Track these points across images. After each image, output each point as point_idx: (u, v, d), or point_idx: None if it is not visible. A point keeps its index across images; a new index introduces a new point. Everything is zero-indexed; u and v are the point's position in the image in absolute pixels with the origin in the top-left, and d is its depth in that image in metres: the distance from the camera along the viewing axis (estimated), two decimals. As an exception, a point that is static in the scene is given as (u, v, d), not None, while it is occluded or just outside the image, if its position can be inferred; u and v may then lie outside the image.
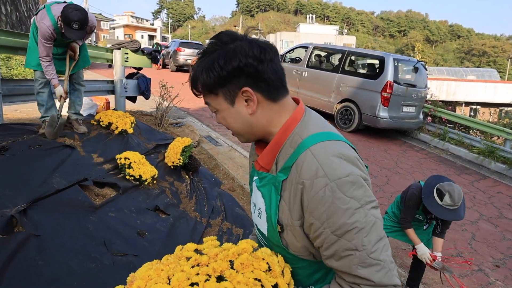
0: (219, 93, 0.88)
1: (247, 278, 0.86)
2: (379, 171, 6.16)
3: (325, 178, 0.79)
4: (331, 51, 9.85)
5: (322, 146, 0.83)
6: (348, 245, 0.79)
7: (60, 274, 1.86)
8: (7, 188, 2.17)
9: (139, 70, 5.51)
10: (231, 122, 0.92)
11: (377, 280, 0.79)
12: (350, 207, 0.78)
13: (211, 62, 0.84)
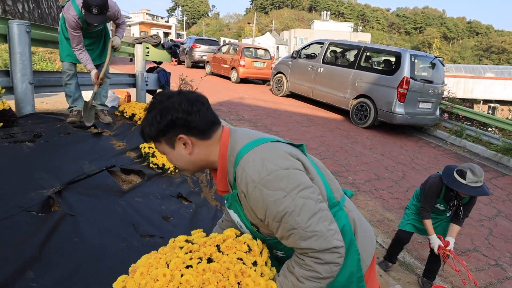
0: (161, 141, 1.11)
1: (231, 258, 1.07)
2: (395, 166, 6.16)
3: (253, 182, 1.00)
4: (347, 47, 9.82)
5: (246, 157, 1.04)
6: (286, 227, 1.00)
7: (94, 251, 1.97)
8: (43, 171, 2.31)
9: (159, 64, 5.64)
10: (176, 161, 1.15)
11: (317, 247, 0.98)
12: (278, 198, 0.98)
13: (151, 118, 1.08)
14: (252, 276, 1.04)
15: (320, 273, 1.00)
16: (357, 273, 1.17)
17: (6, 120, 2.71)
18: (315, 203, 1.01)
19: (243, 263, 1.07)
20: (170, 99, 1.07)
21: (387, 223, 4.20)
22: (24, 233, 1.82)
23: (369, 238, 1.27)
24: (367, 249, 1.23)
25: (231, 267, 1.05)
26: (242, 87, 12.12)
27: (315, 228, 0.98)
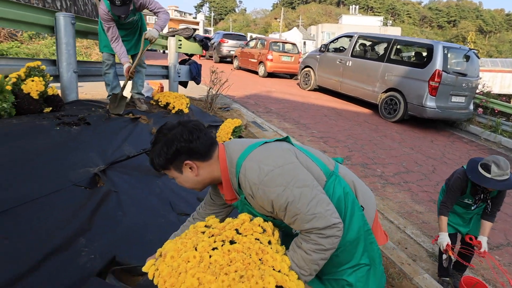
0: (170, 168, 1.27)
1: (250, 239, 1.21)
2: (424, 160, 6.04)
3: (255, 185, 1.17)
4: (376, 40, 9.65)
5: (244, 165, 1.20)
6: (291, 214, 1.16)
7: (136, 225, 2.12)
8: (89, 151, 2.48)
9: (190, 56, 5.80)
10: (185, 184, 1.32)
11: (320, 225, 1.14)
12: (278, 193, 1.15)
13: (159, 150, 1.23)
14: (270, 253, 1.18)
15: (324, 245, 1.16)
16: (364, 227, 1.33)
17: (55, 105, 2.92)
18: (311, 190, 1.17)
19: (260, 242, 1.21)
20: (172, 131, 1.23)
21: (416, 215, 4.16)
22: (75, 204, 1.99)
23: (369, 194, 1.44)
24: (369, 204, 1.39)
25: (251, 246, 1.18)
26: (269, 81, 12.17)
27: (314, 211, 1.14)
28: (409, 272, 3.05)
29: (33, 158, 2.10)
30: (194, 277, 1.08)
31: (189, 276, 1.09)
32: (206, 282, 1.07)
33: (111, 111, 3.42)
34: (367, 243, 1.35)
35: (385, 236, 1.54)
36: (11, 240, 1.55)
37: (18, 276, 1.42)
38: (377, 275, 1.39)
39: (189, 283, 1.07)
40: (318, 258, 1.18)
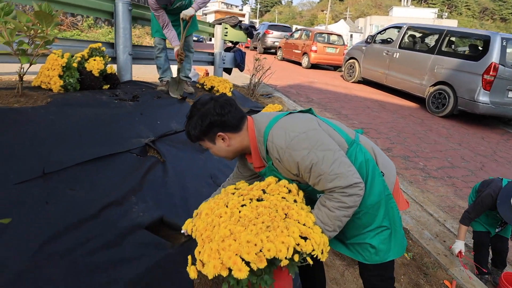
0: (204, 140, 1.38)
1: (276, 197, 1.32)
2: (472, 157, 5.76)
3: (282, 149, 1.27)
4: (427, 31, 9.22)
5: (271, 133, 1.31)
6: (315, 175, 1.26)
7: (180, 191, 2.32)
8: (141, 125, 2.73)
9: (235, 45, 5.97)
10: (218, 153, 1.43)
11: (342, 184, 1.23)
12: (303, 155, 1.24)
13: (194, 123, 1.35)
14: (295, 209, 1.28)
15: (346, 203, 1.25)
16: (385, 191, 1.41)
17: (112, 83, 3.21)
18: (333, 152, 1.26)
19: (286, 200, 1.31)
20: (206, 106, 1.35)
21: (458, 210, 4.02)
22: (129, 168, 2.22)
23: (388, 162, 1.52)
24: (389, 170, 1.48)
25: (278, 203, 1.29)
26: (312, 73, 12.09)
27: (337, 171, 1.23)
28: (445, 263, 3.01)
29: (95, 125, 2.37)
30: (226, 229, 1.21)
31: (222, 228, 1.22)
32: (237, 232, 1.20)
33: (172, 94, 3.69)
34: (388, 207, 1.42)
35: (406, 202, 1.60)
36: (77, 191, 1.80)
37: (81, 220, 1.66)
38: (398, 238, 1.46)
39: (222, 233, 1.20)
40: (341, 215, 1.26)
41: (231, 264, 1.12)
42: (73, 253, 1.48)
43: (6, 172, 1.64)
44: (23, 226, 1.47)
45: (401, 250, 1.49)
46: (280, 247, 1.14)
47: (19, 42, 2.05)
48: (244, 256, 1.12)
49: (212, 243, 1.19)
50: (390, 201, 1.42)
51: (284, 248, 1.14)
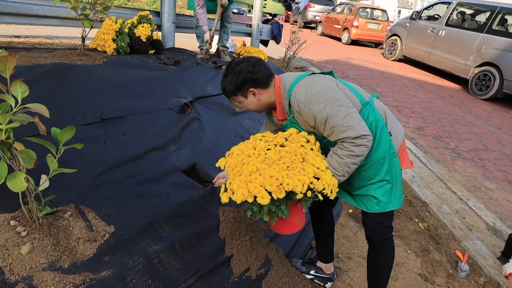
0: (238, 94, 1.61)
1: (296, 145, 1.54)
2: (511, 141, 5.60)
3: (302, 103, 1.49)
4: (479, 7, 8.69)
5: (294, 89, 1.52)
6: (329, 126, 1.45)
7: (212, 145, 2.62)
8: (181, 86, 3.03)
9: (273, 17, 6.08)
10: (249, 106, 1.65)
11: (352, 135, 1.42)
12: (320, 109, 1.45)
13: (229, 80, 1.57)
14: (311, 155, 1.51)
15: (355, 151, 1.44)
16: (390, 150, 1.58)
17: (157, 48, 3.53)
18: (346, 108, 1.45)
19: (304, 148, 1.54)
20: (239, 65, 1.57)
21: (484, 191, 4.05)
22: (169, 122, 2.55)
23: (397, 124, 1.68)
24: (397, 132, 1.64)
25: (297, 150, 1.52)
26: (352, 49, 11.85)
27: (348, 123, 1.42)
28: (460, 236, 3.13)
29: (143, 84, 2.70)
30: (253, 165, 1.48)
31: (250, 165, 1.49)
32: (262, 169, 1.46)
33: (224, 59, 3.98)
34: (391, 164, 1.60)
35: (410, 162, 1.78)
36: (127, 135, 2.15)
37: (130, 159, 2.01)
38: (397, 192, 1.66)
39: (250, 168, 1.47)
40: (349, 162, 1.47)
41: (257, 192, 1.39)
42: (125, 181, 1.84)
43: (73, 115, 2.01)
44: (87, 157, 1.83)
45: (399, 203, 1.69)
46: (297, 183, 1.39)
47: (83, 8, 2.39)
48: (267, 187, 1.38)
49: (242, 176, 1.46)
50: (394, 159, 1.60)
51: (300, 184, 1.39)
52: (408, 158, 1.78)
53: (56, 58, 2.46)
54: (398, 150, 1.62)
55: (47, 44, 3.66)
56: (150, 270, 1.52)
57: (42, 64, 2.18)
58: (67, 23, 3.11)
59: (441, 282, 2.58)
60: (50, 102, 2.00)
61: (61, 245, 1.41)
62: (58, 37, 4.91)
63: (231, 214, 2.01)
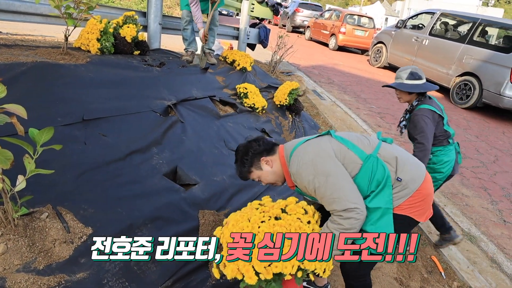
0: (253, 170, 1.68)
1: (292, 217, 1.53)
2: (487, 150, 5.79)
3: (293, 175, 1.54)
4: (461, 18, 8.95)
5: (291, 160, 1.56)
6: (319, 196, 1.48)
7: (194, 148, 2.64)
8: (165, 88, 3.03)
9: (261, 21, 6.12)
10: (267, 177, 1.69)
11: (337, 208, 1.42)
12: (309, 180, 1.48)
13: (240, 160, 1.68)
14: (307, 231, 1.48)
15: (344, 225, 1.42)
16: (386, 204, 1.51)
17: (142, 49, 3.51)
18: (334, 178, 1.45)
19: (300, 221, 1.54)
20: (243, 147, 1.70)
21: (461, 197, 4.17)
22: (152, 124, 2.54)
23: (413, 170, 1.57)
24: (412, 176, 1.54)
25: (292, 223, 1.51)
26: (338, 55, 12.02)
27: (334, 196, 1.43)
28: (435, 241, 3.22)
29: (126, 85, 2.69)
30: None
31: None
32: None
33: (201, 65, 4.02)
34: (381, 220, 1.51)
35: (429, 215, 1.65)
36: (108, 137, 2.14)
37: (111, 161, 2.00)
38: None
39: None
40: (342, 236, 1.43)
41: (245, 272, 1.39)
42: (105, 183, 1.83)
43: (54, 115, 1.99)
44: (67, 158, 1.82)
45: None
46: (286, 264, 1.38)
47: (66, 7, 2.37)
48: (256, 267, 1.38)
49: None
50: (386, 216, 1.51)
51: (289, 266, 1.38)
52: (426, 211, 1.63)
53: (38, 56, 2.43)
54: (407, 198, 1.53)
55: (30, 42, 3.60)
56: (127, 272, 1.52)
57: (22, 62, 2.15)
58: (51, 21, 3.07)
59: (416, 286, 2.65)
60: (30, 101, 1.98)
61: (37, 246, 1.40)
62: (42, 35, 4.84)
63: (211, 217, 2.03)
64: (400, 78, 2.54)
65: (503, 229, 3.71)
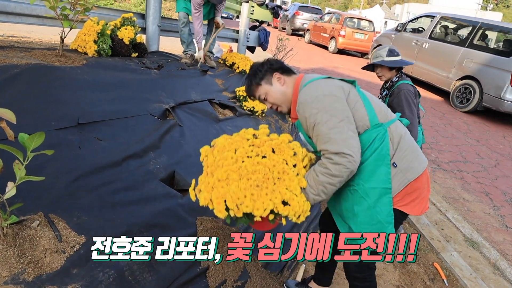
0: (262, 84, 1.59)
1: (278, 158, 1.44)
2: (488, 154, 5.75)
3: (301, 103, 1.43)
4: (461, 22, 8.94)
5: (304, 89, 1.46)
6: (315, 133, 1.38)
7: (193, 153, 2.58)
8: (163, 91, 2.98)
9: (260, 23, 6.08)
10: (275, 96, 1.59)
11: (330, 148, 1.33)
12: (312, 113, 1.38)
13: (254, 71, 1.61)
14: (290, 175, 1.40)
15: (330, 170, 1.32)
16: (384, 183, 1.43)
17: (140, 52, 3.47)
18: (338, 120, 1.35)
19: (286, 164, 1.43)
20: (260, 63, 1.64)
21: (462, 202, 4.13)
22: (150, 128, 2.49)
23: (414, 159, 1.50)
24: (410, 164, 1.47)
25: (276, 165, 1.41)
26: (338, 58, 12.00)
27: (331, 136, 1.33)
28: (438, 247, 3.17)
29: (123, 88, 2.64)
30: (225, 172, 1.39)
31: (222, 171, 1.40)
32: (231, 179, 1.38)
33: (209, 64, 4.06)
34: (379, 201, 1.44)
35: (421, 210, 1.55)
36: (104, 141, 2.08)
37: (107, 165, 1.94)
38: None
39: (220, 175, 1.39)
40: (325, 181, 1.34)
41: (216, 204, 1.34)
42: (100, 189, 1.78)
43: (48, 119, 1.93)
44: (61, 163, 1.76)
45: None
46: (258, 206, 1.31)
47: (62, 8, 2.32)
48: (227, 202, 1.33)
49: (211, 179, 1.40)
50: (385, 197, 1.43)
51: (261, 208, 1.31)
52: (422, 204, 1.55)
53: (32, 58, 2.38)
54: (403, 189, 1.46)
55: (26, 43, 3.55)
56: (121, 283, 1.46)
57: (16, 65, 2.10)
58: (47, 22, 3.02)
59: (418, 294, 2.60)
60: (24, 105, 1.93)
61: (26, 256, 1.34)
62: (39, 36, 4.79)
63: (209, 224, 1.97)
64: (380, 56, 2.67)
65: (505, 234, 3.66)
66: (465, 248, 3.37)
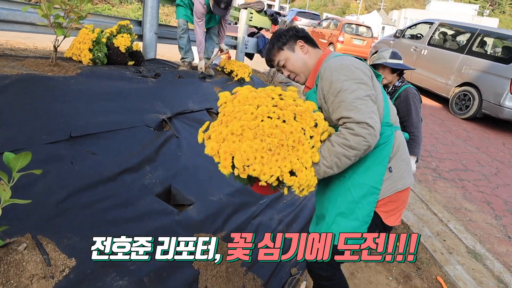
0: (284, 49, 1.53)
1: (298, 126, 1.31)
2: (489, 162, 5.70)
3: (329, 68, 1.36)
4: (459, 29, 8.95)
5: (332, 59, 1.41)
6: (338, 100, 1.31)
7: (190, 165, 2.50)
8: (160, 101, 2.90)
9: (259, 30, 6.04)
10: (295, 63, 1.53)
11: (355, 117, 1.25)
12: (339, 79, 1.32)
13: (278, 36, 1.56)
14: (305, 145, 1.29)
15: (349, 140, 1.25)
16: (376, 183, 1.41)
17: (137, 60, 3.40)
18: (365, 92, 1.31)
19: (304, 133, 1.31)
20: (285, 28, 1.58)
21: (464, 212, 4.06)
22: (145, 140, 2.41)
23: (406, 169, 1.50)
24: (402, 175, 1.46)
25: (294, 132, 1.29)
26: (336, 64, 11.97)
27: (357, 105, 1.27)
28: (440, 260, 3.10)
29: (118, 98, 2.56)
30: (240, 127, 1.27)
31: (238, 124, 1.28)
32: (245, 136, 1.26)
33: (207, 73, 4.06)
34: (364, 199, 1.42)
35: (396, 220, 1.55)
36: (98, 155, 2.00)
37: (100, 181, 1.86)
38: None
39: (235, 128, 1.27)
40: (340, 153, 1.27)
41: (222, 159, 1.25)
42: (92, 207, 1.70)
43: (39, 132, 1.85)
44: (51, 180, 1.68)
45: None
46: (266, 171, 1.23)
47: (56, 16, 2.25)
48: (235, 160, 1.23)
49: (224, 129, 1.29)
50: (371, 196, 1.42)
51: (268, 174, 1.22)
52: (397, 216, 1.56)
53: (24, 68, 2.30)
54: (389, 195, 1.45)
55: (20, 51, 3.47)
56: (113, 310, 1.38)
57: (6, 75, 2.02)
58: (41, 30, 2.94)
59: (422, 311, 2.52)
60: (13, 118, 1.85)
61: (11, 284, 1.25)
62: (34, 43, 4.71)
63: (206, 242, 1.89)
64: (383, 58, 2.62)
65: (508, 245, 3.59)
66: (468, 260, 3.30)
